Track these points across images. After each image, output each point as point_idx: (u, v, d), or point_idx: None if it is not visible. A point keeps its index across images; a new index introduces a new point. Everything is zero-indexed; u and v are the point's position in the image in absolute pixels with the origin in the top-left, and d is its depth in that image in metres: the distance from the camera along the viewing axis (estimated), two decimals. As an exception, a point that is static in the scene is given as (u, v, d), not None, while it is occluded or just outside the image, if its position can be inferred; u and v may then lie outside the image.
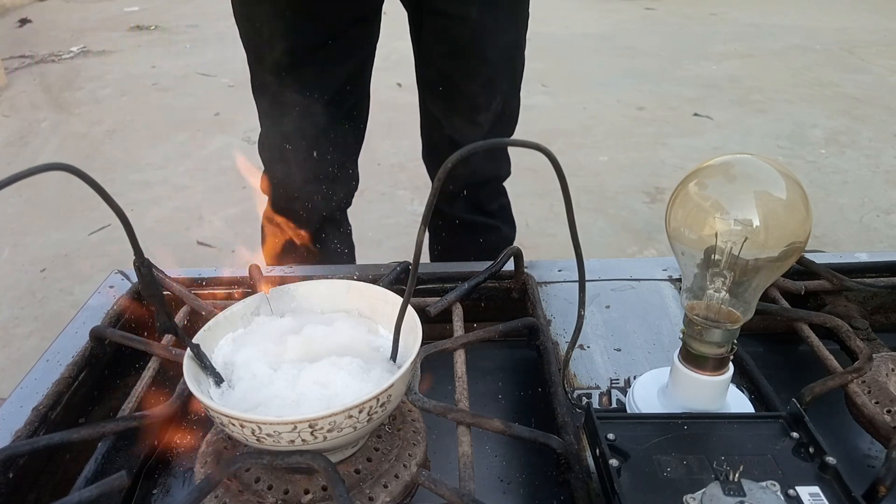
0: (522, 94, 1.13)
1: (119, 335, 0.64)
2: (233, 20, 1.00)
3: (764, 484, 0.42)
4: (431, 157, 1.15)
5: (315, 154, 1.02)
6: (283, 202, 1.09)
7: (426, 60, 1.04)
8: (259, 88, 1.02)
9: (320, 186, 1.06)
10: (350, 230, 1.22)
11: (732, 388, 0.54)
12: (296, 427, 0.40)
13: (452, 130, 1.05)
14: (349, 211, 1.22)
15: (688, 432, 0.48)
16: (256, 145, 1.09)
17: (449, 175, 1.04)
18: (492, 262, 0.71)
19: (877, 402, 0.53)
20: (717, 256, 0.48)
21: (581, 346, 0.66)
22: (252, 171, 1.07)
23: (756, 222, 0.47)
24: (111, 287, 0.75)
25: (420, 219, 0.42)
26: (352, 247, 1.24)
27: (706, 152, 2.58)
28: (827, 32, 4.37)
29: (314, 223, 1.10)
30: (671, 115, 3.05)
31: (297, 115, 0.98)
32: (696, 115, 3.04)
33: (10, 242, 2.09)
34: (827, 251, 0.83)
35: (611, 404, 0.60)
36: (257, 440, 0.41)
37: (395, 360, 0.48)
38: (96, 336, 0.64)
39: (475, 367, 0.63)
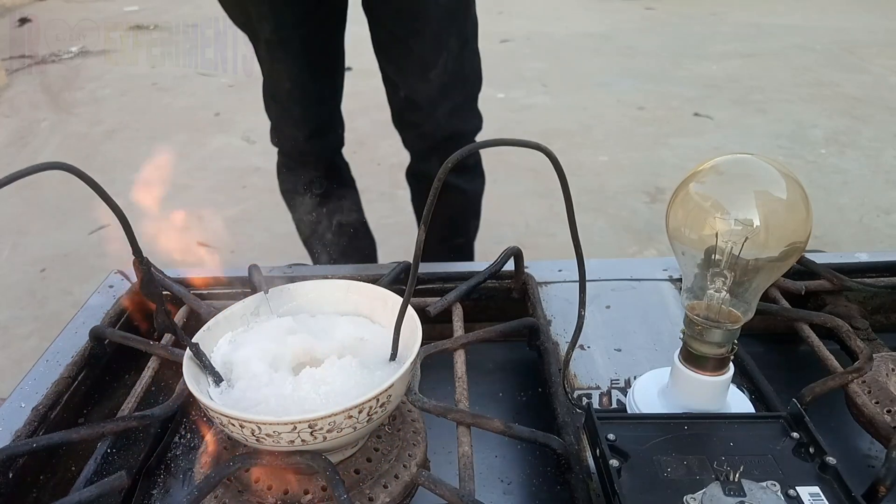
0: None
1: (119, 335, 0.64)
2: (231, 20, 1.06)
3: (764, 484, 0.42)
4: (397, 120, 1.22)
5: (309, 109, 1.17)
6: (293, 152, 1.25)
7: (376, 22, 1.11)
8: (259, 61, 1.16)
9: (319, 134, 1.21)
10: (348, 167, 1.38)
11: (732, 388, 0.54)
12: (296, 427, 0.40)
13: (408, 90, 1.12)
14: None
15: (688, 432, 0.48)
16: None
17: (417, 134, 1.10)
18: (491, 262, 0.71)
19: (877, 402, 0.53)
20: (717, 256, 0.48)
21: (581, 346, 0.66)
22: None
23: (756, 222, 0.47)
24: (111, 287, 0.75)
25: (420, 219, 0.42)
26: (353, 180, 1.40)
27: (706, 152, 2.58)
28: (827, 32, 4.37)
29: (321, 162, 1.27)
30: (671, 114, 3.05)
31: (290, 81, 1.12)
32: (696, 115, 3.04)
33: (10, 242, 2.09)
34: (827, 251, 0.83)
35: (611, 404, 0.60)
36: (257, 440, 0.41)
37: (395, 360, 0.48)
38: (96, 336, 0.64)
39: (475, 367, 0.63)
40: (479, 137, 1.26)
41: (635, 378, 0.60)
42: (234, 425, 0.41)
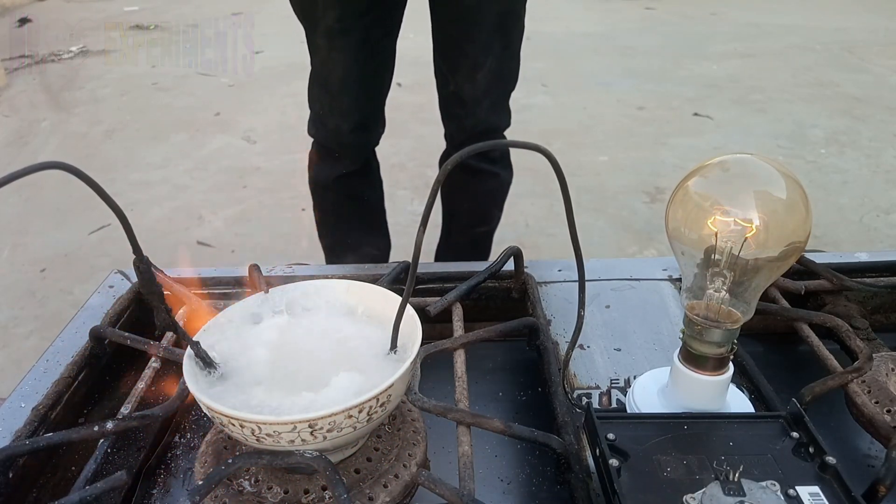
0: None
1: (119, 335, 0.64)
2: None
3: (764, 484, 0.42)
4: (444, 112, 1.29)
5: (358, 101, 1.20)
6: (334, 143, 1.27)
7: (438, 24, 1.19)
8: (313, 50, 1.19)
9: (363, 127, 1.25)
10: (379, 166, 1.41)
11: (732, 388, 0.54)
12: (295, 427, 0.40)
13: (456, 86, 1.20)
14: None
15: (688, 432, 0.48)
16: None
17: (458, 126, 1.22)
18: (491, 262, 0.71)
19: (877, 402, 0.53)
20: (717, 256, 0.48)
21: (581, 346, 0.66)
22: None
23: (756, 222, 0.47)
24: (111, 287, 0.75)
25: (420, 219, 0.42)
26: (381, 181, 1.44)
27: (706, 152, 2.58)
28: (827, 32, 4.37)
29: (359, 156, 1.30)
30: (671, 114, 3.05)
31: (345, 70, 1.16)
32: (696, 114, 3.04)
33: (10, 242, 2.09)
34: (827, 251, 0.83)
35: (611, 404, 0.60)
36: (257, 440, 0.41)
37: (394, 356, 0.48)
38: (96, 336, 0.64)
39: (475, 367, 0.63)
40: None
41: (635, 378, 0.60)
42: (234, 425, 0.41)
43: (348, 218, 1.38)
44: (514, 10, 1.15)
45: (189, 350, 0.46)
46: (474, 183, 1.32)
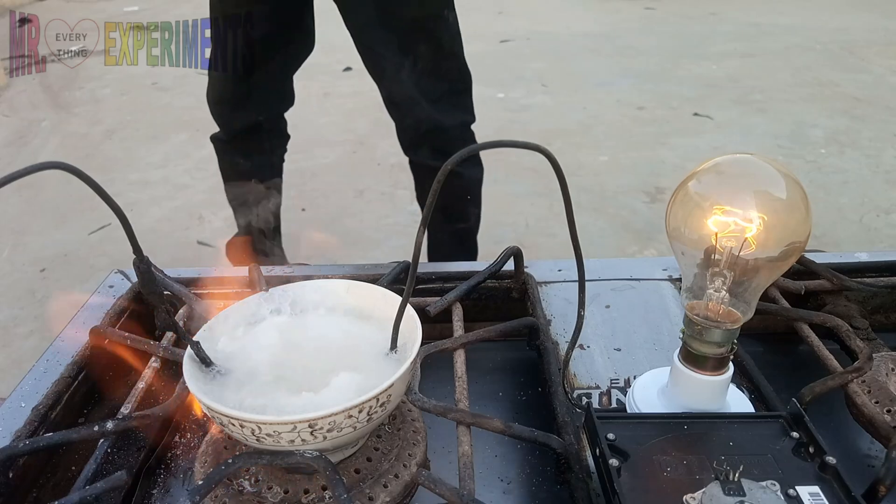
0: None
1: (119, 335, 0.64)
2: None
3: (764, 484, 0.42)
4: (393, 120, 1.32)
5: (218, 80, 1.36)
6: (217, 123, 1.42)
7: (353, 36, 1.23)
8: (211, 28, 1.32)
9: (216, 105, 1.42)
10: (270, 150, 1.50)
11: (732, 388, 0.54)
12: (295, 427, 0.40)
13: (385, 90, 1.24)
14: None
15: (688, 432, 0.48)
16: None
17: (400, 128, 1.29)
18: (491, 262, 0.71)
19: (877, 402, 0.53)
20: (716, 256, 0.48)
21: (581, 346, 0.66)
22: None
23: (756, 222, 0.47)
24: (111, 287, 0.75)
25: (420, 219, 0.42)
26: (271, 166, 1.52)
27: (706, 152, 2.58)
28: (827, 32, 4.37)
29: (224, 128, 1.46)
30: (671, 114, 3.05)
31: (213, 51, 1.27)
32: (696, 114, 3.04)
33: (10, 242, 2.09)
34: (827, 251, 0.83)
35: (611, 404, 0.60)
36: (257, 440, 0.41)
37: (394, 356, 0.48)
38: (96, 336, 0.64)
39: (475, 367, 0.63)
40: (478, 134, 1.30)
41: (635, 378, 0.60)
42: (234, 425, 0.41)
43: (228, 176, 1.50)
44: (432, 13, 1.16)
45: (189, 350, 0.46)
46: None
